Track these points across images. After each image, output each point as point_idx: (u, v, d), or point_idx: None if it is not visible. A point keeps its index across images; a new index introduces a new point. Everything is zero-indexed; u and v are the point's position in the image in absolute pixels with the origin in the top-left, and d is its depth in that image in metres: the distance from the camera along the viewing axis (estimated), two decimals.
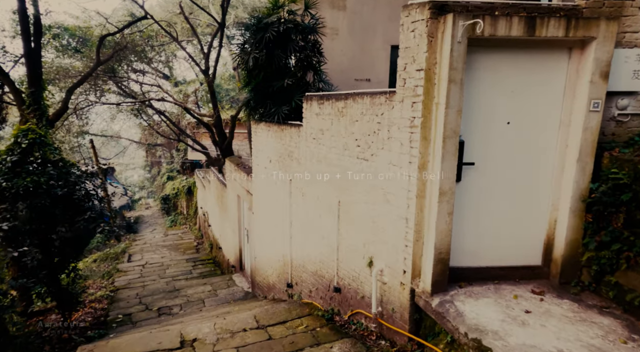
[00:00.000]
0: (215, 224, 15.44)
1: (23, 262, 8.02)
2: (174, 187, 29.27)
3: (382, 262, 4.65)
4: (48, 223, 7.03)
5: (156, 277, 13.10)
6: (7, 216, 6.44)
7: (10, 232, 7.17)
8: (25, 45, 9.24)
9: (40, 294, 8.92)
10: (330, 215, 5.73)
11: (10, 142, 7.15)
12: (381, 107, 4.44)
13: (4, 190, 6.50)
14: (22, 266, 8.17)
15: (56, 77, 17.56)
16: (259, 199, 8.54)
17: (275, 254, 7.90)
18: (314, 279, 6.39)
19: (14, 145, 7.11)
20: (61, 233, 7.59)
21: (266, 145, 7.90)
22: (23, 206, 6.55)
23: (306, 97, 6.19)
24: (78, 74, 18.94)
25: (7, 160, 6.94)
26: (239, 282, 10.36)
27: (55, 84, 17.19)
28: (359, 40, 9.48)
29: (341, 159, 5.33)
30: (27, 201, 6.56)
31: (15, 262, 8.62)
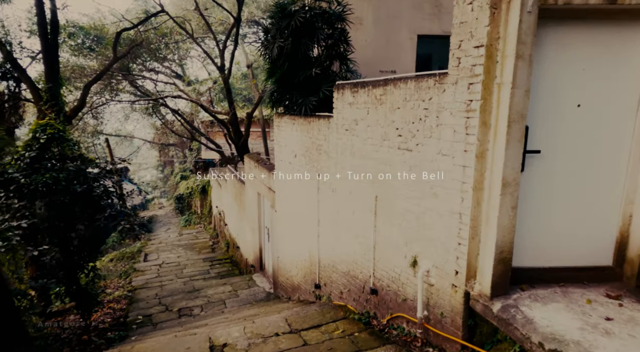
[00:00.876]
0: (232, 222, 15.17)
1: (42, 262, 7.82)
2: (188, 187, 29.17)
3: (429, 262, 4.24)
4: (67, 221, 6.78)
5: (173, 277, 12.87)
6: (26, 213, 6.20)
7: (29, 230, 6.94)
8: (42, 40, 9.06)
9: (59, 294, 8.72)
10: (365, 211, 5.35)
11: (28, 138, 6.92)
12: (429, 91, 4.04)
13: (23, 186, 6.26)
14: (40, 266, 7.97)
15: (72, 76, 17.50)
16: (283, 196, 8.20)
17: (300, 253, 7.55)
18: (346, 279, 6.01)
19: (32, 140, 6.88)
20: (80, 232, 7.36)
21: (291, 140, 7.55)
22: (42, 203, 6.30)
23: (337, 86, 5.82)
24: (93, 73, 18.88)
25: (26, 156, 6.71)
26: (260, 282, 10.04)
27: (71, 83, 17.11)
28: (384, 30, 9.06)
29: (379, 151, 4.94)
30: (46, 198, 6.32)
31: (34, 261, 8.43)
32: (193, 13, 20.45)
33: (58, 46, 9.56)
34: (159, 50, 19.29)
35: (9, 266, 8.56)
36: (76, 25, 18.72)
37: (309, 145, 6.83)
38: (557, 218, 3.72)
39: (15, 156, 6.75)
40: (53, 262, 7.55)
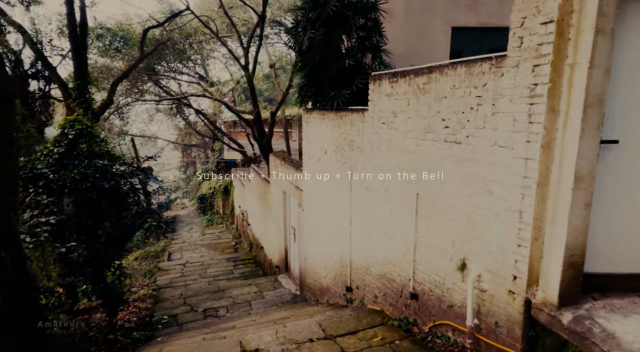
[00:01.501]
0: (256, 222, 15.00)
1: (69, 259, 7.77)
2: (210, 187, 29.29)
3: (480, 265, 3.86)
4: (94, 218, 6.68)
5: (197, 276, 12.77)
6: (54, 209, 6.12)
7: (57, 227, 6.88)
8: (71, 37, 9.08)
9: (85, 291, 8.66)
10: (404, 210, 4.99)
11: (57, 133, 6.86)
12: (483, 76, 3.66)
13: (51, 182, 6.18)
14: (68, 263, 7.92)
15: (100, 76, 17.77)
16: (311, 195, 7.91)
17: (330, 254, 7.23)
18: (381, 283, 5.65)
19: (61, 136, 6.82)
20: (107, 229, 7.26)
21: (320, 136, 7.25)
22: (69, 199, 6.20)
23: (373, 77, 5.48)
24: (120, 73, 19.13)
25: (54, 151, 6.64)
26: (285, 283, 9.78)
27: (99, 83, 17.36)
28: (416, 22, 8.66)
29: (421, 144, 4.58)
30: (74, 195, 6.22)
31: (62, 258, 8.40)
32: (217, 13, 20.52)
33: (87, 44, 9.60)
34: (183, 51, 19.38)
35: (38, 263, 8.58)
36: (104, 26, 19.04)
37: (340, 141, 6.52)
38: (636, 218, 3.28)
39: (44, 152, 6.70)
40: (80, 260, 7.48)
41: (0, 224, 2.84)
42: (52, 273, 8.66)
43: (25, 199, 6.19)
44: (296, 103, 7.62)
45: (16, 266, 3.01)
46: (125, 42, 19.46)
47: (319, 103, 7.13)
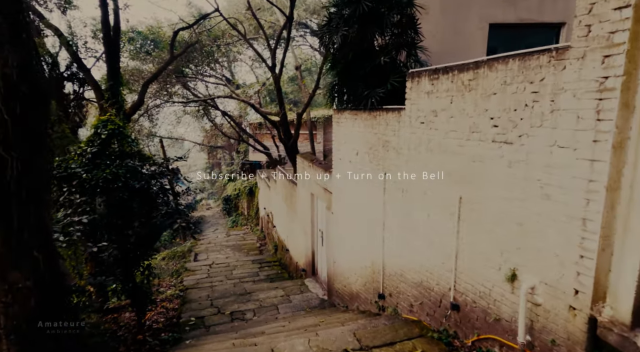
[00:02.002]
0: (282, 224, 14.89)
1: (100, 258, 7.83)
2: (235, 188, 29.52)
3: (534, 277, 3.53)
4: (125, 218, 6.68)
5: (223, 278, 12.75)
6: (87, 208, 6.14)
7: (89, 227, 6.93)
8: (105, 39, 9.22)
9: (115, 291, 8.73)
10: (444, 215, 4.69)
11: (90, 133, 6.91)
12: (540, 70, 3.35)
13: (84, 182, 6.20)
14: (99, 262, 7.98)
15: (131, 79, 18.16)
16: (341, 197, 7.68)
17: (360, 259, 6.98)
18: (417, 291, 5.36)
19: (94, 136, 6.86)
20: (137, 229, 7.26)
21: (352, 137, 7.03)
22: (101, 199, 6.21)
23: (411, 74, 5.22)
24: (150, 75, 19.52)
25: (87, 151, 6.69)
26: (313, 287, 9.58)
27: (130, 85, 17.74)
28: (452, 19, 8.31)
29: (465, 145, 4.29)
30: (106, 194, 6.23)
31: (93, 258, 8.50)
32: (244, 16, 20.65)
33: (119, 46, 9.75)
34: (211, 54, 19.58)
35: (71, 262, 8.71)
36: (135, 30, 19.48)
37: (374, 141, 6.27)
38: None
39: (77, 152, 6.75)
40: (111, 259, 7.51)
41: (33, 223, 2.77)
42: (84, 272, 8.79)
43: (59, 198, 6.24)
44: (326, 104, 7.44)
45: (49, 266, 2.94)
46: (155, 45, 19.85)
47: (351, 103, 6.91)
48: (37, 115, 2.78)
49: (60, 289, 3.34)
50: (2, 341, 2.64)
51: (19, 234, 2.65)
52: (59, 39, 9.87)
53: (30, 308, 2.73)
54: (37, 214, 2.81)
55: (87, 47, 10.59)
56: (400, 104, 5.54)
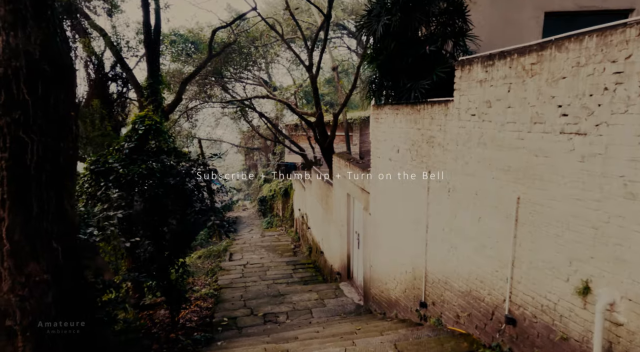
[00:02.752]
0: (316, 226, 14.62)
1: (137, 254, 7.86)
2: (271, 189, 29.66)
3: (614, 291, 2.99)
4: (160, 214, 6.62)
5: (257, 278, 12.63)
6: (122, 203, 6.13)
7: (126, 223, 6.95)
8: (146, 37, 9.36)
9: (151, 287, 8.76)
10: (498, 217, 4.20)
11: (128, 129, 6.94)
12: (626, 46, 2.83)
13: (120, 176, 6.20)
14: (135, 258, 8.02)
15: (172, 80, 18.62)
16: (379, 198, 7.28)
17: (400, 264, 6.54)
18: (465, 301, 4.87)
19: (131, 132, 6.89)
20: (172, 226, 7.21)
21: (392, 133, 6.62)
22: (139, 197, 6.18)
23: (461, 62, 4.76)
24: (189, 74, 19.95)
25: (125, 146, 6.70)
26: (348, 292, 9.20)
27: (171, 88, 18.18)
28: (503, 8, 7.70)
29: (525, 138, 3.79)
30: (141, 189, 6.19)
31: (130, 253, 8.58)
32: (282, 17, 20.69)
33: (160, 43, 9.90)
34: (249, 55, 19.72)
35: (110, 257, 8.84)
36: (177, 33, 20.00)
37: (416, 138, 5.84)
38: None
39: (115, 147, 6.79)
40: (147, 256, 7.52)
41: (54, 211, 2.62)
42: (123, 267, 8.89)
43: (97, 192, 6.27)
44: (367, 98, 7.07)
45: (69, 259, 2.79)
46: (196, 48, 20.29)
47: (392, 98, 6.52)
48: (61, 97, 2.63)
49: (81, 285, 3.19)
50: (18, 338, 2.51)
51: (38, 222, 2.51)
52: (103, 38, 10.18)
53: (47, 303, 2.58)
54: (59, 201, 2.66)
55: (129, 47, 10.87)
56: (445, 97, 5.09)
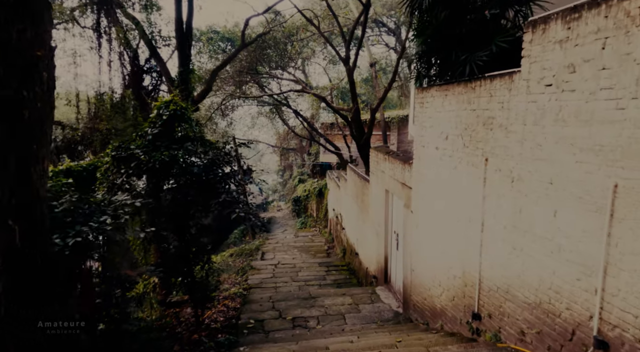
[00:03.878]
0: (351, 226, 13.87)
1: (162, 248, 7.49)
2: (305, 189, 29.22)
3: None
4: (183, 205, 6.16)
5: (288, 279, 12.06)
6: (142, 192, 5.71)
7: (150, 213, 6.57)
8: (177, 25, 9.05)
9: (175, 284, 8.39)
10: (584, 211, 3.31)
11: (153, 115, 6.55)
12: None
13: (141, 163, 5.78)
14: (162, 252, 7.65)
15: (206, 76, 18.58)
16: (422, 193, 6.45)
17: (447, 268, 5.69)
18: (533, 315, 3.98)
19: (156, 117, 6.50)
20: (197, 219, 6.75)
21: (440, 118, 5.79)
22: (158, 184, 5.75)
23: (532, 23, 3.90)
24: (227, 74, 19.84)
25: (148, 132, 6.30)
26: (385, 297, 8.38)
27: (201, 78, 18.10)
28: None
29: (627, 107, 2.91)
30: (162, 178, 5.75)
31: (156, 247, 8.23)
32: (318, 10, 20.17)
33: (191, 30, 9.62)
34: (285, 50, 19.33)
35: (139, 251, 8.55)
36: (213, 30, 19.98)
37: (470, 120, 4.99)
38: None
39: (139, 133, 6.41)
40: (172, 251, 7.11)
41: (12, 184, 2.10)
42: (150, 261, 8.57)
43: (117, 180, 5.89)
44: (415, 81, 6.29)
45: (29, 243, 2.28)
46: (232, 45, 20.20)
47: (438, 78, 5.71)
48: (26, 33, 2.12)
49: (44, 276, 2.66)
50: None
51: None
52: (135, 27, 10.04)
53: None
54: (22, 172, 2.15)
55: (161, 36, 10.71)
56: (513, 67, 4.24)
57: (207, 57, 20.45)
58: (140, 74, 11.94)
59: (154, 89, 11.38)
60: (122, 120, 9.75)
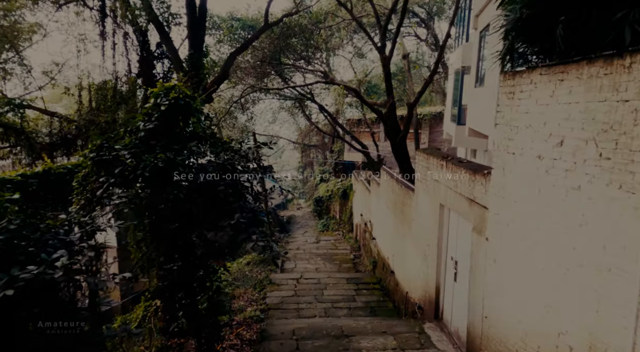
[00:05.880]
0: (384, 238, 12.14)
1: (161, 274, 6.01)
2: (328, 189, 27.53)
3: None
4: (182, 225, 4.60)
5: (312, 299, 10.48)
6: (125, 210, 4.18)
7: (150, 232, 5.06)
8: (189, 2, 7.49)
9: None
10: None
11: (148, 105, 5.00)
12: None
13: (127, 169, 4.23)
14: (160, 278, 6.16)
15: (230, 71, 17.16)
16: (509, 217, 4.68)
17: (554, 330, 3.92)
18: None
19: (152, 108, 4.94)
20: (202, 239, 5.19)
21: (548, 113, 4.02)
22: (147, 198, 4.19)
23: None
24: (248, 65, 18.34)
25: (140, 128, 4.75)
26: (438, 340, 6.65)
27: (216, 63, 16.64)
28: None
29: None
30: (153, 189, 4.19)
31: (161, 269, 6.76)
32: None
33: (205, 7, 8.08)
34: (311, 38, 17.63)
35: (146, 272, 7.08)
36: (235, 17, 18.48)
37: (614, 117, 3.21)
38: None
39: (129, 128, 4.87)
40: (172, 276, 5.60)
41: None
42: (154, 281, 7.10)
43: (97, 191, 4.37)
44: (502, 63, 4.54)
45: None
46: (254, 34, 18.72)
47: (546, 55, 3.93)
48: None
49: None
50: None
51: None
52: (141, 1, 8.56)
53: None
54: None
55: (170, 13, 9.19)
56: None
57: (227, 47, 19.01)
58: (150, 60, 10.48)
59: (164, 77, 9.93)
60: (127, 112, 8.33)
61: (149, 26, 9.84)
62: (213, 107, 18.85)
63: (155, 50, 10.75)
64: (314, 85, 24.40)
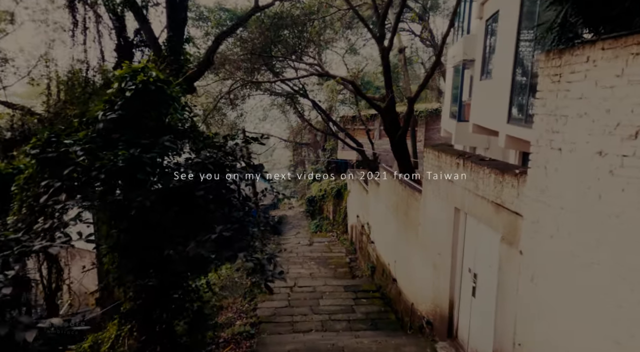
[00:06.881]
0: (384, 242, 11.31)
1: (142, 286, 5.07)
2: (321, 189, 26.62)
3: None
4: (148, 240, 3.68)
5: (308, 310, 9.60)
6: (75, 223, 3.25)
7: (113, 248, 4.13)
8: None
9: None
10: None
11: (111, 90, 4.05)
12: None
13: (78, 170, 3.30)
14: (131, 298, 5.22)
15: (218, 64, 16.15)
16: (554, 227, 3.85)
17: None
18: None
19: (116, 94, 3.99)
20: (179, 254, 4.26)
21: (613, 98, 3.18)
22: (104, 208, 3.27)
23: None
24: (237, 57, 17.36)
25: (100, 118, 3.81)
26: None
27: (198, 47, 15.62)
28: None
29: None
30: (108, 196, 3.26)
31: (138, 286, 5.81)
32: None
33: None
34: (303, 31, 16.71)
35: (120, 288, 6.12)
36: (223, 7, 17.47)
37: None
38: None
39: (85, 119, 3.92)
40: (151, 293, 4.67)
41: None
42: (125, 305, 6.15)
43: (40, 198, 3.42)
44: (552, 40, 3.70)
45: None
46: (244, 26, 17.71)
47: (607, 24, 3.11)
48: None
49: None
50: None
51: None
52: None
53: None
54: None
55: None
56: None
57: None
58: (128, 48, 9.47)
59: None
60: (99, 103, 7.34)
61: (126, 11, 8.84)
62: (199, 102, 17.81)
63: (133, 38, 9.75)
64: (307, 81, 23.48)
